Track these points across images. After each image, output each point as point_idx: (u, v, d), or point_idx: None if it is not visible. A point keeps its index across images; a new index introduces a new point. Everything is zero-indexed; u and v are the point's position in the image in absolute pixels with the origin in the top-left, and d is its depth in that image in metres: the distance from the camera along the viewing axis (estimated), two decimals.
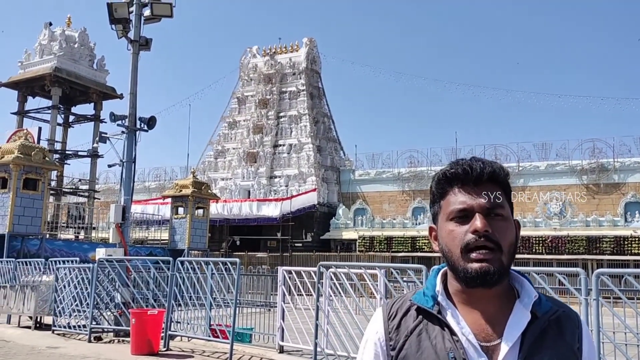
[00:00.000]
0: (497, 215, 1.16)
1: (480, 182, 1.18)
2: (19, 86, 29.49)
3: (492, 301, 1.17)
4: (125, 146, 12.58)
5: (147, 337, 9.33)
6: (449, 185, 1.21)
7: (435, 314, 1.18)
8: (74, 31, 30.49)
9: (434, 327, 1.17)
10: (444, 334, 1.15)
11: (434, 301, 1.19)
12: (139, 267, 11.65)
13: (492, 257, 1.12)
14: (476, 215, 1.14)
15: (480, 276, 1.12)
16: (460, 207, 1.16)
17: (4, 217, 18.69)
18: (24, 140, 20.14)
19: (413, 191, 36.26)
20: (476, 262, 1.12)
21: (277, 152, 39.78)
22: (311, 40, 43.69)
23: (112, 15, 12.34)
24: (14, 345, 10.40)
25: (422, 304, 1.20)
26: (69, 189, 30.48)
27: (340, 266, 8.90)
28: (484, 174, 1.18)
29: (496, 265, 1.12)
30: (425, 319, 1.19)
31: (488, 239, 1.13)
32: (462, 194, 1.18)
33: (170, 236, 25.32)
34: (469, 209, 1.16)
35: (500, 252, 1.13)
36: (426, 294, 1.21)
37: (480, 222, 1.13)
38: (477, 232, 1.13)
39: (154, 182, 44.08)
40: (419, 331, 1.18)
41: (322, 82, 44.29)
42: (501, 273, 1.13)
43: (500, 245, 1.13)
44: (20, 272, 13.26)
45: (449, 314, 1.18)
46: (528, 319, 1.14)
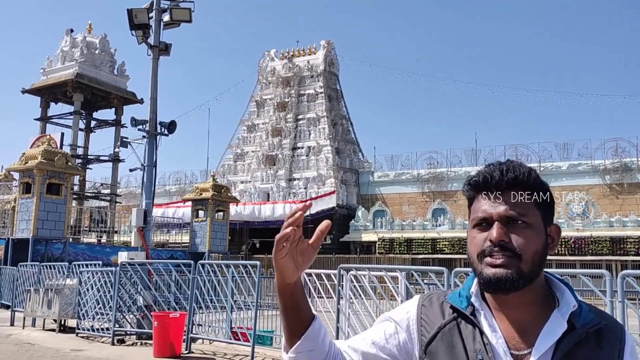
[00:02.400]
0: (520, 222, 1.13)
1: (502, 189, 1.16)
2: (42, 92, 30.00)
3: (527, 308, 1.15)
4: (146, 150, 12.71)
5: (170, 340, 9.41)
6: (475, 192, 1.20)
7: (467, 314, 1.17)
8: (95, 37, 30.94)
9: (466, 326, 1.17)
10: (475, 335, 1.15)
11: (467, 302, 1.19)
12: (160, 270, 11.75)
13: (507, 264, 1.10)
14: (494, 225, 1.13)
15: (494, 282, 1.11)
16: (481, 215, 1.16)
17: (28, 221, 19.01)
18: (47, 146, 20.45)
19: (433, 192, 36.05)
20: (490, 267, 1.12)
21: (296, 155, 39.88)
22: (329, 42, 43.74)
23: (132, 21, 12.50)
24: (39, 348, 10.56)
25: (456, 303, 1.20)
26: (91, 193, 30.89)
27: (361, 268, 8.88)
28: (503, 181, 1.15)
29: (512, 272, 1.10)
30: (459, 317, 1.19)
31: (504, 248, 1.11)
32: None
33: (191, 239, 25.52)
34: (489, 218, 1.15)
35: (518, 260, 1.11)
36: (461, 294, 1.21)
37: (496, 232, 1.12)
38: (492, 242, 1.12)
39: (175, 186, 44.46)
40: (451, 327, 1.18)
41: (340, 84, 44.33)
42: (517, 280, 1.10)
43: (518, 253, 1.11)
44: (44, 276, 13.45)
45: (482, 316, 1.17)
46: (564, 328, 1.11)
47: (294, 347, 1.17)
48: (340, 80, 44.42)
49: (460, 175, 35.10)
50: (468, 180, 1.22)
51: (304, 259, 1.13)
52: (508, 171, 1.16)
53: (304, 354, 1.17)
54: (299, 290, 1.17)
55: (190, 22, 12.92)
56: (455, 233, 32.63)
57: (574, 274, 7.83)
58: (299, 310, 1.17)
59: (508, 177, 1.16)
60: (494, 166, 1.19)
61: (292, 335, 1.18)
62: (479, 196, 1.19)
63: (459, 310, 1.19)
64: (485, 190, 1.18)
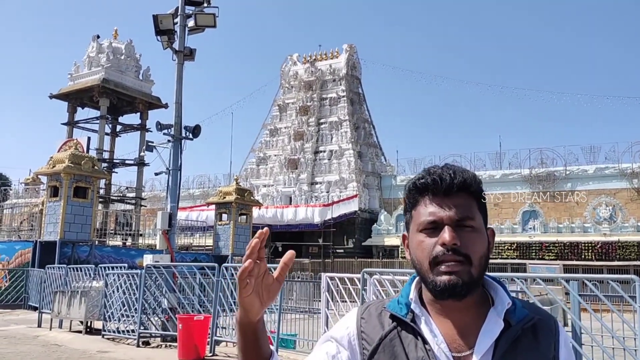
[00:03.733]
0: (467, 227, 1.12)
1: (451, 193, 1.14)
2: (69, 97, 30.50)
3: (465, 311, 1.14)
4: (171, 154, 12.84)
5: (194, 343, 9.47)
6: (419, 195, 1.18)
7: (408, 322, 1.15)
8: (121, 43, 31.37)
9: (407, 335, 1.14)
10: (417, 343, 1.12)
11: (407, 309, 1.17)
12: (185, 273, 11.86)
13: (460, 270, 1.09)
14: (445, 228, 1.11)
15: (449, 289, 1.09)
16: (430, 218, 1.14)
17: (56, 224, 19.32)
18: (74, 150, 20.80)
19: None
20: (445, 274, 1.09)
21: (318, 159, 39.91)
22: (351, 46, 43.75)
23: (158, 27, 12.65)
24: (66, 349, 10.72)
25: (396, 311, 1.17)
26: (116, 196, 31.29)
27: (385, 273, 8.85)
28: (454, 184, 1.14)
29: (465, 278, 1.09)
30: (399, 326, 1.16)
31: (456, 252, 1.10)
32: (432, 205, 1.15)
33: (215, 242, 25.71)
34: (439, 221, 1.13)
35: (469, 265, 1.10)
36: (400, 301, 1.19)
37: (448, 235, 1.10)
38: (445, 245, 1.10)
39: (198, 190, 44.82)
40: (392, 337, 1.15)
41: (362, 88, 44.27)
42: (470, 285, 1.10)
43: (469, 257, 1.10)
44: (71, 278, 13.64)
45: (422, 322, 1.15)
46: (501, 327, 1.11)
47: None
48: (362, 84, 44.39)
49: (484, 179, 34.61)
50: (413, 182, 1.20)
51: (269, 295, 1.08)
52: (456, 175, 1.15)
53: None
54: (262, 328, 1.13)
55: (215, 27, 13.03)
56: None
57: (602, 279, 7.70)
58: (259, 349, 1.13)
59: (458, 180, 1.14)
60: (441, 169, 1.17)
61: None
62: (424, 199, 1.17)
63: (399, 318, 1.16)
64: (434, 193, 1.15)
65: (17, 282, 18.95)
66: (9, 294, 18.87)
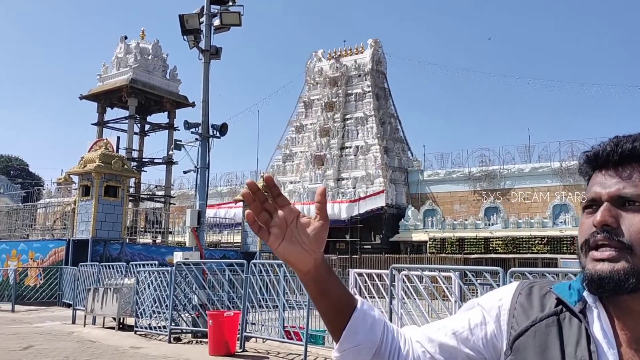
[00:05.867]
0: (636, 204, 0.90)
1: (619, 164, 0.94)
2: (98, 98, 31.02)
3: None
4: (199, 153, 12.97)
5: (224, 339, 9.57)
6: (591, 170, 1.00)
7: (576, 311, 0.95)
8: (148, 43, 31.77)
9: (571, 326, 0.94)
10: (580, 339, 0.92)
11: (579, 296, 0.96)
12: (214, 270, 11.97)
13: (615, 258, 0.89)
14: (602, 206, 0.92)
15: (596, 280, 0.90)
16: (590, 195, 0.96)
17: (88, 223, 19.69)
18: (104, 150, 21.13)
19: (485, 191, 35.35)
20: (595, 261, 0.91)
21: (344, 155, 39.89)
22: (376, 41, 43.56)
23: (184, 26, 12.77)
24: (100, 345, 10.93)
25: (564, 296, 0.97)
26: (146, 195, 31.74)
27: (413, 268, 8.81)
28: (617, 153, 0.94)
29: (619, 269, 0.88)
30: (564, 313, 0.97)
31: (610, 235, 0.89)
32: (597, 179, 0.96)
33: (243, 239, 25.88)
34: (597, 198, 0.94)
35: (629, 253, 0.88)
36: (572, 286, 0.98)
37: (600, 213, 0.91)
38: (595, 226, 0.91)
39: (226, 187, 45.21)
40: (549, 323, 0.96)
41: (387, 83, 44.08)
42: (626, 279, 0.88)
43: (629, 244, 0.88)
44: (103, 276, 13.90)
45: (595, 317, 0.94)
46: None
47: (338, 345, 1.02)
48: (388, 79, 44.20)
49: (513, 173, 34.36)
50: (581, 156, 1.02)
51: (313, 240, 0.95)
52: (626, 142, 0.94)
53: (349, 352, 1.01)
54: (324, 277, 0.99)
55: (240, 25, 13.10)
56: (509, 232, 31.92)
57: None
58: (331, 301, 1.01)
59: (623, 147, 0.93)
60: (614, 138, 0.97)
61: (332, 331, 1.03)
62: (595, 174, 0.98)
63: (566, 304, 0.96)
64: (602, 166, 0.97)
65: (51, 279, 19.37)
66: (44, 292, 19.31)
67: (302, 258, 0.96)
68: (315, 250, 0.96)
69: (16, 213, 25.39)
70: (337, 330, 1.01)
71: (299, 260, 0.96)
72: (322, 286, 0.99)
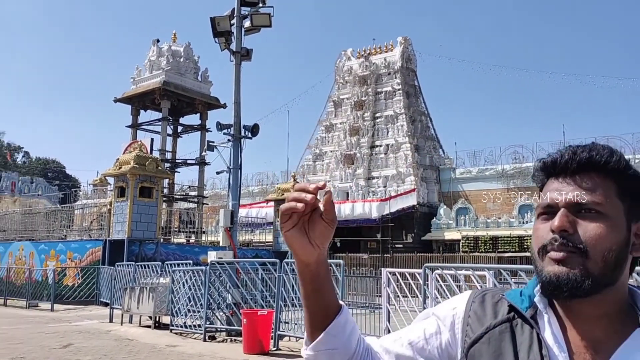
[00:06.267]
0: (592, 212, 0.93)
1: (575, 172, 0.96)
2: (132, 101, 31.58)
3: (599, 322, 0.94)
4: (231, 153, 13.11)
5: (258, 337, 9.66)
6: (545, 177, 1.02)
7: (527, 317, 0.98)
8: (180, 46, 32.20)
9: (523, 332, 0.97)
10: (532, 344, 0.95)
11: (530, 303, 0.99)
12: (247, 269, 12.09)
13: (570, 260, 0.91)
14: (559, 212, 0.94)
15: (553, 282, 0.92)
16: (546, 201, 0.98)
17: (123, 223, 20.08)
18: (138, 152, 21.52)
19: (519, 188, 34.81)
20: (552, 264, 0.93)
21: (374, 153, 39.76)
22: (406, 39, 43.30)
23: (215, 29, 12.92)
24: (137, 343, 11.15)
25: (516, 302, 1.00)
26: (179, 195, 32.18)
27: (446, 267, 8.74)
28: (574, 161, 0.96)
29: (576, 272, 0.90)
30: (516, 319, 1.00)
31: (568, 241, 0.92)
32: (552, 186, 0.99)
33: (274, 238, 26.06)
34: (553, 204, 0.96)
35: (584, 257, 0.91)
36: (524, 293, 1.02)
37: (558, 219, 0.93)
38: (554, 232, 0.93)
39: (257, 187, 45.53)
40: (502, 329, 0.99)
41: (418, 80, 43.77)
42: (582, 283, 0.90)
43: (584, 248, 0.91)
44: (139, 275, 14.16)
45: (545, 322, 0.98)
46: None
47: (314, 344, 1.02)
48: (418, 76, 43.89)
49: None
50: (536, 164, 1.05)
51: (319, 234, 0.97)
52: (582, 151, 0.96)
53: (324, 353, 1.02)
54: (321, 275, 1.00)
55: (270, 27, 13.18)
56: None
57: None
58: (320, 299, 1.01)
59: (581, 156, 0.96)
60: (569, 147, 0.99)
61: (312, 328, 1.02)
62: (550, 181, 1.00)
63: (518, 310, 0.99)
64: (555, 173, 0.99)
65: (88, 279, 19.83)
66: (82, 291, 19.77)
67: (306, 249, 0.97)
68: (320, 245, 0.98)
69: (54, 214, 26.02)
70: (316, 330, 1.02)
71: (302, 250, 0.98)
72: (318, 283, 1.01)
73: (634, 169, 0.99)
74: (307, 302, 1.02)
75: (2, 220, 27.45)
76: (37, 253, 22.59)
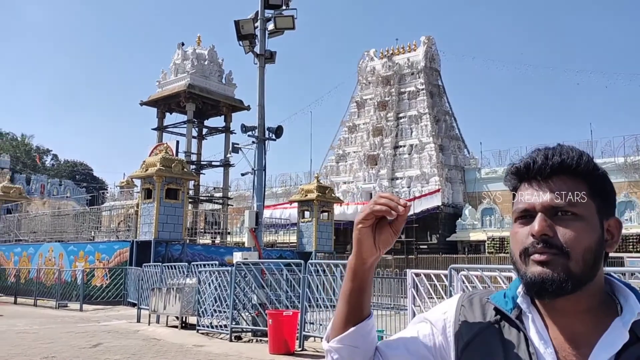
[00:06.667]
0: (568, 214, 0.97)
1: (549, 176, 1.00)
2: (158, 104, 31.98)
3: (581, 316, 0.99)
4: (256, 155, 13.22)
5: (284, 337, 9.72)
6: (518, 182, 1.05)
7: (512, 318, 1.03)
8: (204, 49, 32.51)
9: (510, 331, 1.03)
10: (519, 343, 1.01)
11: (513, 304, 1.05)
12: (272, 269, 12.17)
13: (553, 262, 0.95)
14: (537, 216, 0.98)
15: (538, 283, 0.96)
16: (522, 206, 1.01)
17: (150, 224, 20.34)
18: (164, 154, 21.81)
19: None
20: (536, 265, 0.97)
21: (398, 154, 39.61)
22: (429, 38, 43.06)
23: (239, 32, 13.04)
24: (165, 343, 11.30)
25: (500, 305, 1.06)
26: (204, 197, 32.47)
27: (472, 269, 8.69)
28: (547, 165, 1.00)
29: (559, 272, 0.95)
30: (503, 321, 1.05)
31: (548, 244, 0.96)
32: (527, 191, 1.02)
33: (298, 239, 26.15)
34: (530, 209, 1.00)
35: (566, 258, 0.95)
36: (507, 295, 1.07)
37: (538, 224, 0.97)
38: (534, 236, 0.97)
39: (280, 188, 45.72)
40: (492, 331, 1.05)
41: (442, 80, 43.51)
42: (565, 282, 0.95)
43: (566, 249, 0.95)
44: (166, 276, 14.33)
45: (529, 321, 1.02)
46: (625, 339, 0.94)
47: (341, 336, 1.08)
48: (442, 76, 43.60)
49: None
50: (509, 168, 1.08)
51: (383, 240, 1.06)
52: (554, 155, 1.01)
53: (347, 348, 1.08)
54: (370, 277, 1.08)
55: (294, 29, 13.26)
56: None
57: None
58: (362, 299, 1.08)
59: (553, 161, 1.00)
60: (539, 150, 1.03)
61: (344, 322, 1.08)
62: (523, 185, 1.04)
63: (503, 312, 1.05)
64: (528, 178, 1.03)
65: (116, 279, 20.13)
66: (110, 291, 20.09)
67: (371, 248, 1.06)
68: (382, 249, 1.07)
69: (82, 216, 26.48)
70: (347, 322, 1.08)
71: (367, 248, 1.06)
72: (365, 283, 1.09)
73: (602, 169, 1.04)
74: (349, 298, 1.09)
75: (32, 222, 28.03)
76: (66, 254, 23.02)
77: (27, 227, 27.53)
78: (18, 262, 25.36)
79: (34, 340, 11.31)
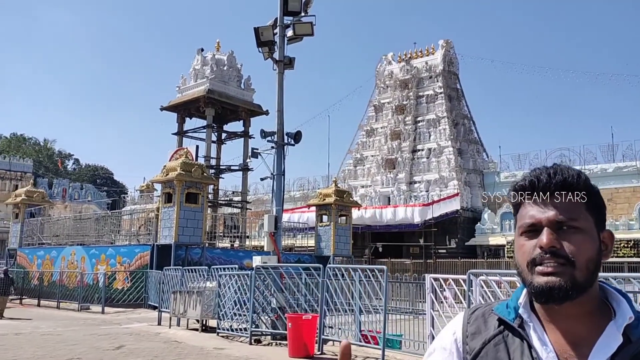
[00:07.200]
0: (571, 228, 1.08)
1: (552, 193, 1.10)
2: (178, 109, 32.36)
3: (579, 320, 1.09)
4: (275, 160, 13.34)
5: (303, 341, 9.80)
6: (521, 197, 1.15)
7: (515, 327, 1.12)
8: (223, 55, 32.83)
9: (514, 340, 1.12)
10: (524, 350, 1.09)
11: (515, 313, 1.13)
12: (291, 273, 12.27)
13: (560, 271, 1.05)
14: (544, 230, 1.08)
15: (546, 292, 1.05)
16: (529, 221, 1.11)
17: (170, 228, 20.57)
18: (184, 158, 22.02)
19: None
20: (543, 275, 1.06)
21: (416, 157, 39.48)
22: (447, 42, 42.92)
23: (259, 39, 13.19)
24: (185, 345, 11.46)
25: (503, 315, 1.14)
26: (223, 201, 32.73)
27: (491, 273, 8.70)
28: (552, 184, 1.10)
29: (565, 280, 1.04)
30: (506, 330, 1.14)
31: (556, 255, 1.06)
32: (532, 207, 1.12)
33: (316, 243, 26.22)
34: (537, 224, 1.09)
35: (572, 267, 1.05)
36: (509, 305, 1.15)
37: (546, 237, 1.07)
38: (542, 249, 1.07)
39: (298, 192, 45.82)
40: (497, 341, 1.13)
41: (460, 84, 43.30)
42: (571, 289, 1.04)
43: (572, 260, 1.05)
44: (186, 279, 14.49)
45: (531, 329, 1.11)
46: (619, 342, 1.04)
47: None
48: (460, 79, 43.41)
49: (596, 173, 32.83)
50: (513, 185, 1.18)
51: None
52: (556, 174, 1.11)
53: None
54: None
55: (312, 35, 13.37)
56: None
57: None
58: None
59: (556, 179, 1.10)
60: (541, 170, 1.14)
61: None
62: (526, 202, 1.13)
63: (506, 322, 1.14)
64: (532, 194, 1.12)
65: (137, 283, 20.38)
66: (131, 294, 20.34)
67: None
68: None
69: (103, 220, 26.82)
70: None
71: None
72: None
73: (596, 186, 1.15)
74: None
75: (55, 226, 28.47)
76: (88, 257, 23.37)
77: (50, 231, 27.97)
78: (41, 265, 25.83)
79: (58, 342, 11.54)
